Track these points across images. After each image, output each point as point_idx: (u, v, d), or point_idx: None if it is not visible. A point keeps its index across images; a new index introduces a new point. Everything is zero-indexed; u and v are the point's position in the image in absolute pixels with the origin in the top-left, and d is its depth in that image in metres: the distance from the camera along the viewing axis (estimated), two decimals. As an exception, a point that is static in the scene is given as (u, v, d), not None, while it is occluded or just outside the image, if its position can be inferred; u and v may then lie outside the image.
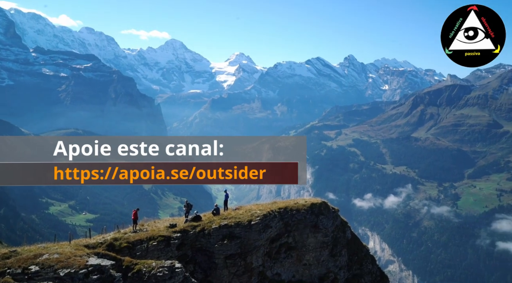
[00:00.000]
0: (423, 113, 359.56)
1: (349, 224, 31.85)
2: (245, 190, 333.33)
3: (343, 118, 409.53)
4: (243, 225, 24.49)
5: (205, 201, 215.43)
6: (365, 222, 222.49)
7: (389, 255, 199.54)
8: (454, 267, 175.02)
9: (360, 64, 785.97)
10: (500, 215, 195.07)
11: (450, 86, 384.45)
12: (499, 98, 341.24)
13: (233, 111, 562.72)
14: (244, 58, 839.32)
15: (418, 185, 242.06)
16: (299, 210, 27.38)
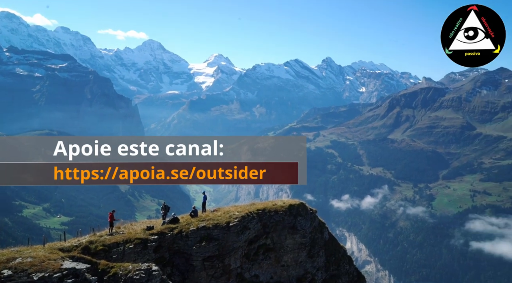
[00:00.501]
0: (399, 115, 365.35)
1: (326, 225, 32.11)
2: (224, 191, 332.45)
3: (321, 119, 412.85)
4: (221, 227, 24.41)
5: (183, 203, 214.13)
6: (342, 223, 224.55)
7: (366, 256, 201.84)
8: (429, 267, 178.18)
9: (337, 67, 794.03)
10: (473, 215, 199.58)
11: (425, 88, 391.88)
12: (472, 101, 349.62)
13: (211, 113, 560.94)
14: (223, 60, 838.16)
15: (394, 186, 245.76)
16: (277, 211, 27.46)
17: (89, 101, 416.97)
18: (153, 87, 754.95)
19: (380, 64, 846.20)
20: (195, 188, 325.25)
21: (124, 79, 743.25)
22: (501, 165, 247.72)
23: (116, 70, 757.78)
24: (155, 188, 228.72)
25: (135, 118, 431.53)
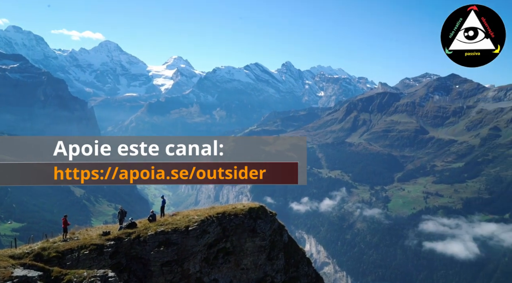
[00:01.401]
0: (356, 119, 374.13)
1: (286, 228, 32.34)
2: (183, 195, 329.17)
3: (281, 123, 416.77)
4: (180, 231, 24.11)
5: (141, 207, 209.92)
6: (301, 225, 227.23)
7: (325, 257, 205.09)
8: (385, 267, 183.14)
9: (297, 71, 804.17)
10: (426, 216, 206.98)
11: (381, 93, 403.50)
12: (425, 106, 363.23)
13: (171, 115, 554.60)
14: (182, 62, 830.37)
15: (352, 188, 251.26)
16: (237, 214, 27.42)
17: (42, 103, 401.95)
18: (110, 89, 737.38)
19: (338, 69, 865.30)
20: (154, 192, 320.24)
21: (80, 80, 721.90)
22: (452, 168, 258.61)
23: (71, 71, 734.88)
24: (111, 192, 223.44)
25: (91, 120, 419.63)
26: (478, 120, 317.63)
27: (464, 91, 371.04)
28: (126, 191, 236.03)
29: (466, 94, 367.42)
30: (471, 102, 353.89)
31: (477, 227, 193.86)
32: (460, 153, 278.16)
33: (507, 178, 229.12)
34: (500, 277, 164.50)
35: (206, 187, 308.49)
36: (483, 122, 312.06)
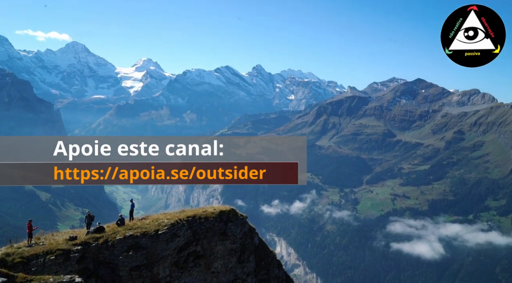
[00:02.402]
0: (326, 123, 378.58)
1: (257, 231, 32.43)
2: (153, 199, 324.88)
3: (251, 126, 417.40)
4: (150, 235, 23.83)
5: (110, 211, 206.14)
6: (272, 228, 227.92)
7: (295, 259, 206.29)
8: (354, 268, 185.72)
9: (268, 74, 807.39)
10: (393, 218, 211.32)
11: (350, 97, 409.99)
12: (392, 109, 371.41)
13: (140, 118, 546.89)
14: (152, 64, 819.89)
15: (322, 191, 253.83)
16: (207, 218, 27.32)
17: (6, 105, 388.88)
18: (77, 91, 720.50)
19: (308, 72, 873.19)
20: (123, 195, 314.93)
21: (46, 82, 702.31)
22: (419, 170, 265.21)
23: (37, 72, 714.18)
24: (78, 196, 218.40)
25: (57, 123, 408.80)
26: (443, 124, 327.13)
27: (430, 95, 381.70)
28: (94, 195, 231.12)
29: (432, 98, 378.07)
30: (437, 106, 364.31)
31: (442, 228, 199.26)
32: (426, 156, 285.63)
33: (470, 180, 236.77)
34: (464, 276, 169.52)
35: (176, 190, 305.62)
36: (448, 125, 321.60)
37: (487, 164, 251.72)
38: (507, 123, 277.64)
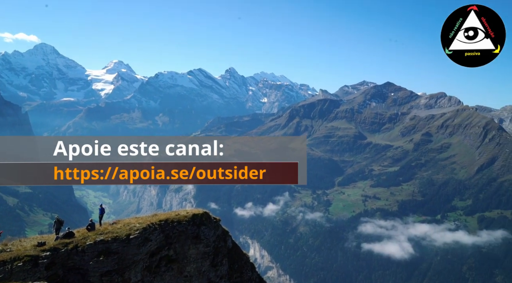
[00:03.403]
0: (298, 125, 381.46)
1: (230, 233, 32.44)
2: (124, 203, 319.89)
3: (225, 129, 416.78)
4: (121, 240, 23.53)
5: (80, 216, 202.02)
6: (246, 230, 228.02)
7: (269, 262, 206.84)
8: (327, 269, 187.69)
9: (240, 77, 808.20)
10: (364, 219, 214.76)
11: (322, 100, 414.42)
12: (363, 112, 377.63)
13: (111, 121, 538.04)
14: (123, 66, 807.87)
15: (295, 193, 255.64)
16: (180, 221, 27.15)
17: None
18: (46, 94, 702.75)
19: (280, 75, 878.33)
20: (93, 200, 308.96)
21: (13, 84, 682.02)
22: (388, 172, 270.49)
23: (4, 74, 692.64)
24: (47, 201, 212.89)
25: (25, 126, 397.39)
26: (412, 126, 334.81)
27: (399, 98, 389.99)
28: (63, 200, 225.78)
29: (401, 101, 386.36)
30: (405, 109, 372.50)
31: (411, 228, 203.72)
32: (396, 157, 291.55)
33: (438, 181, 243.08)
34: (432, 275, 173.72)
35: (149, 194, 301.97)
36: (416, 128, 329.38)
37: (453, 165, 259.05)
38: (472, 125, 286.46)
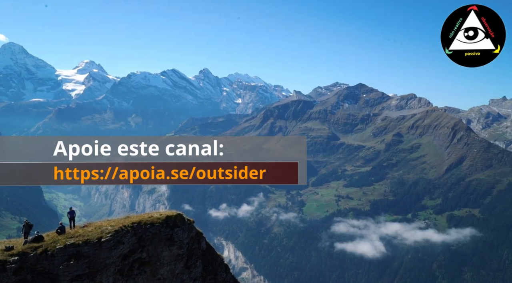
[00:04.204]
0: (273, 126, 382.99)
1: (204, 235, 32.32)
2: (96, 205, 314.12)
3: (199, 130, 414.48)
4: (92, 243, 23.17)
5: (50, 220, 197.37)
6: (220, 231, 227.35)
7: (243, 263, 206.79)
8: (300, 269, 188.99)
9: (215, 78, 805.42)
10: (337, 219, 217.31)
11: (296, 101, 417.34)
12: (336, 113, 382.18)
13: (82, 122, 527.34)
14: (95, 67, 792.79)
15: (269, 193, 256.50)
16: (153, 223, 26.91)
17: None
18: (14, 94, 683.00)
19: (255, 76, 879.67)
20: (63, 202, 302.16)
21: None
22: (361, 172, 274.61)
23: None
24: (15, 204, 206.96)
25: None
26: (383, 127, 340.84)
27: (371, 99, 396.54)
28: (32, 203, 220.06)
29: (372, 102, 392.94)
30: (377, 110, 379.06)
31: (383, 227, 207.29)
32: (368, 157, 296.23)
33: (409, 181, 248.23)
34: (404, 273, 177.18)
35: (121, 196, 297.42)
36: (388, 128, 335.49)
37: (423, 165, 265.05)
38: (441, 126, 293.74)
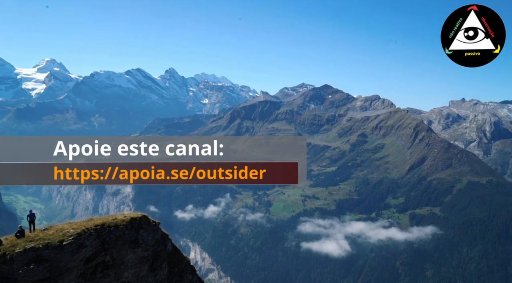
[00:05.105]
0: (239, 127, 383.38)
1: (170, 237, 31.97)
2: (58, 208, 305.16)
3: (164, 130, 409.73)
4: (54, 247, 22.50)
5: (8, 223, 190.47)
6: (186, 233, 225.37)
7: (209, 264, 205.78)
8: (267, 270, 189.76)
9: (181, 78, 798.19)
10: (304, 218, 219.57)
11: (263, 102, 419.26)
12: (302, 114, 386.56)
13: (43, 122, 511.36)
14: (56, 65, 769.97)
15: (236, 194, 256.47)
16: (117, 226, 26.38)
17: None
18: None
19: (221, 77, 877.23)
20: (23, 205, 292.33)
21: None
22: (327, 172, 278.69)
23: None
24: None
25: None
26: (348, 128, 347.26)
27: (336, 100, 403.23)
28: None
29: (338, 103, 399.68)
30: (342, 111, 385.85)
31: (348, 226, 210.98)
32: (333, 158, 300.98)
33: (373, 180, 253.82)
34: (368, 271, 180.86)
35: (84, 198, 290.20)
36: (352, 129, 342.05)
37: (387, 165, 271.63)
38: (403, 126, 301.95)
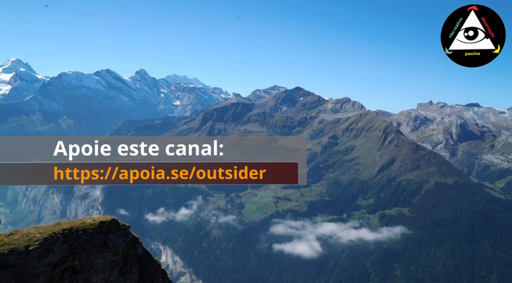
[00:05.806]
0: (212, 129, 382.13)
1: (140, 240, 31.46)
2: (23, 212, 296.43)
3: (135, 132, 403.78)
4: (19, 252, 21.76)
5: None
6: (157, 236, 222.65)
7: (181, 267, 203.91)
8: (240, 272, 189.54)
9: (152, 79, 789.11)
10: (276, 220, 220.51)
11: (235, 103, 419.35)
12: (275, 116, 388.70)
13: (8, 124, 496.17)
14: (22, 65, 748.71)
15: (208, 196, 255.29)
16: (86, 230, 25.75)
17: None
18: None
19: (193, 78, 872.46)
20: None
21: None
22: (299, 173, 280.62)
23: None
24: None
25: None
26: (320, 130, 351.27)
27: (308, 103, 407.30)
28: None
29: (309, 105, 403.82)
30: (314, 113, 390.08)
31: (319, 227, 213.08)
32: (305, 159, 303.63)
33: (343, 182, 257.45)
34: (339, 272, 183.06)
35: (51, 202, 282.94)
36: (324, 131, 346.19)
37: (357, 166, 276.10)
38: (373, 129, 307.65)
